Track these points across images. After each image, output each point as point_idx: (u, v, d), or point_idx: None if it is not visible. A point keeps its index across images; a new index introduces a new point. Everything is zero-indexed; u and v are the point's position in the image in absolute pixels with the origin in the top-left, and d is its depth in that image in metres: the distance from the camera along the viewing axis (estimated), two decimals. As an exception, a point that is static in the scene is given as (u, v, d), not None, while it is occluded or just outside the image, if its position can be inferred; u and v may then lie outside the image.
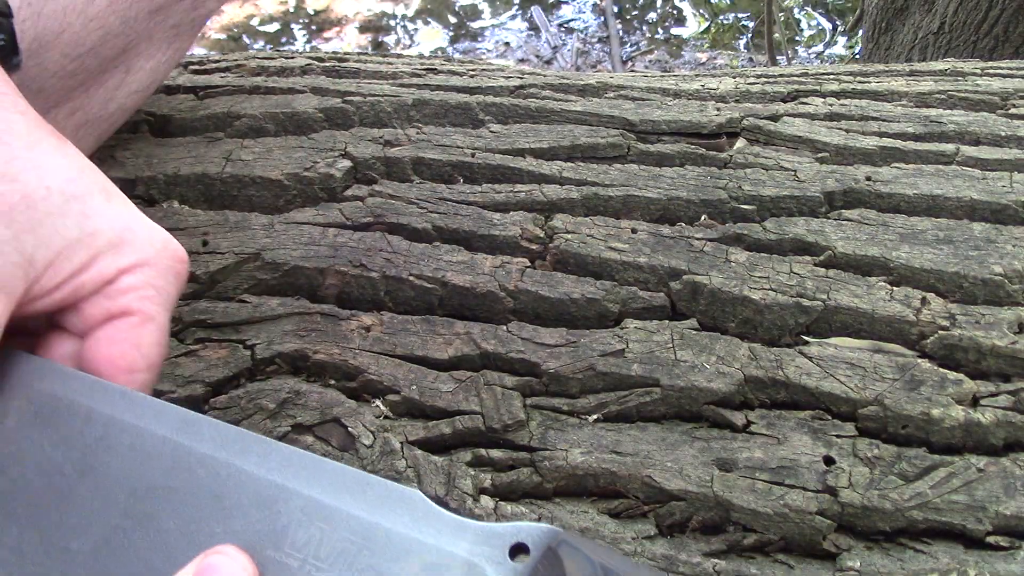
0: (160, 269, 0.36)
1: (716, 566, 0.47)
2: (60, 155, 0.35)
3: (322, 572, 0.30)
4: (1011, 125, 0.69)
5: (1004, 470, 0.50)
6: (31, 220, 0.32)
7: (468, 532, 0.31)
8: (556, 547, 0.30)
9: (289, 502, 0.32)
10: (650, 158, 0.66)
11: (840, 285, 0.56)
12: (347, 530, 0.31)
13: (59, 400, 0.34)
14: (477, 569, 0.30)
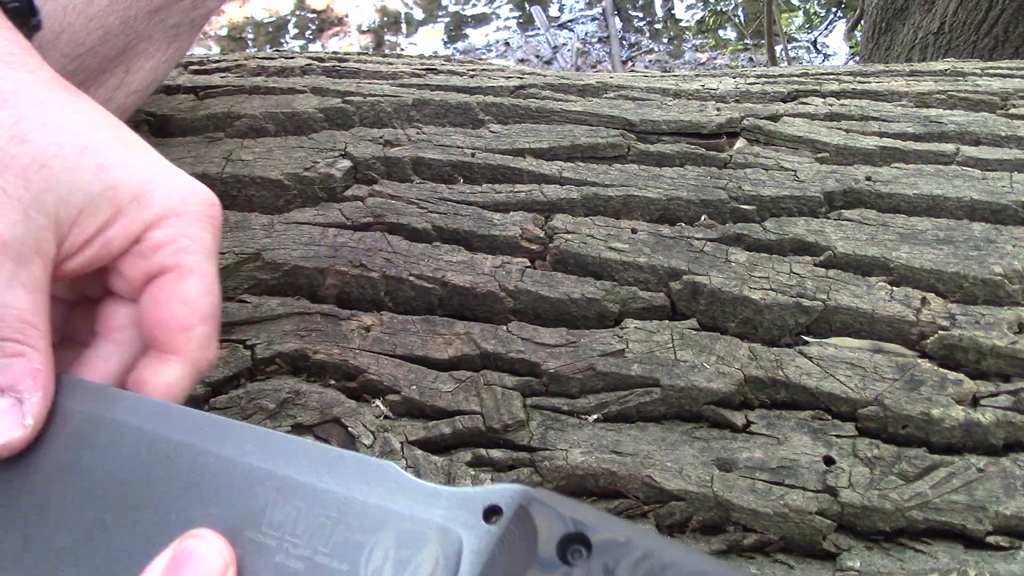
0: (189, 217, 0.35)
1: (716, 566, 0.47)
2: (71, 109, 0.34)
3: (299, 549, 0.31)
4: (1011, 125, 0.69)
5: (1004, 470, 0.50)
6: (47, 179, 0.31)
7: (442, 499, 0.31)
8: (527, 505, 0.30)
9: (265, 483, 0.32)
10: (650, 158, 0.66)
11: (840, 285, 0.56)
12: (323, 506, 0.32)
13: None
14: (451, 534, 0.31)
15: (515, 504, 0.30)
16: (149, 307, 0.34)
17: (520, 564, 0.28)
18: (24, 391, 0.31)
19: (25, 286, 0.31)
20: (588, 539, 0.28)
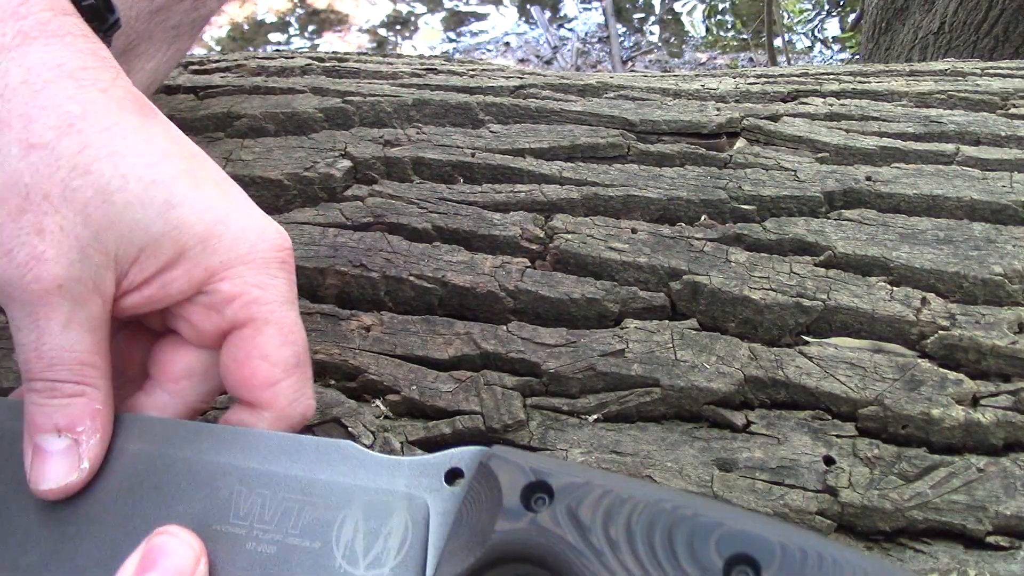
0: (258, 264, 0.33)
1: (716, 566, 0.47)
2: (142, 136, 0.32)
3: (269, 534, 0.31)
4: (1011, 125, 0.69)
5: (1004, 470, 0.50)
6: (109, 215, 0.30)
7: (403, 468, 0.32)
8: (487, 462, 0.31)
9: (228, 476, 0.32)
10: (650, 158, 0.66)
11: (840, 285, 0.56)
12: (287, 490, 0.32)
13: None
14: (417, 500, 0.31)
15: (475, 463, 0.31)
16: (229, 365, 0.34)
17: (487, 517, 0.29)
18: (83, 432, 0.31)
19: (83, 326, 0.30)
20: (549, 485, 0.29)
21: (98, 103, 0.31)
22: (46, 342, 0.30)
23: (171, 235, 0.31)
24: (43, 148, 0.29)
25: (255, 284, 0.33)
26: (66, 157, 0.30)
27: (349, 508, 0.32)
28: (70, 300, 0.29)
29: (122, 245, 0.31)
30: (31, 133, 0.29)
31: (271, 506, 0.32)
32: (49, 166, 0.29)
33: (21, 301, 0.29)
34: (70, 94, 0.30)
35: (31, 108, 0.30)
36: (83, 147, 0.30)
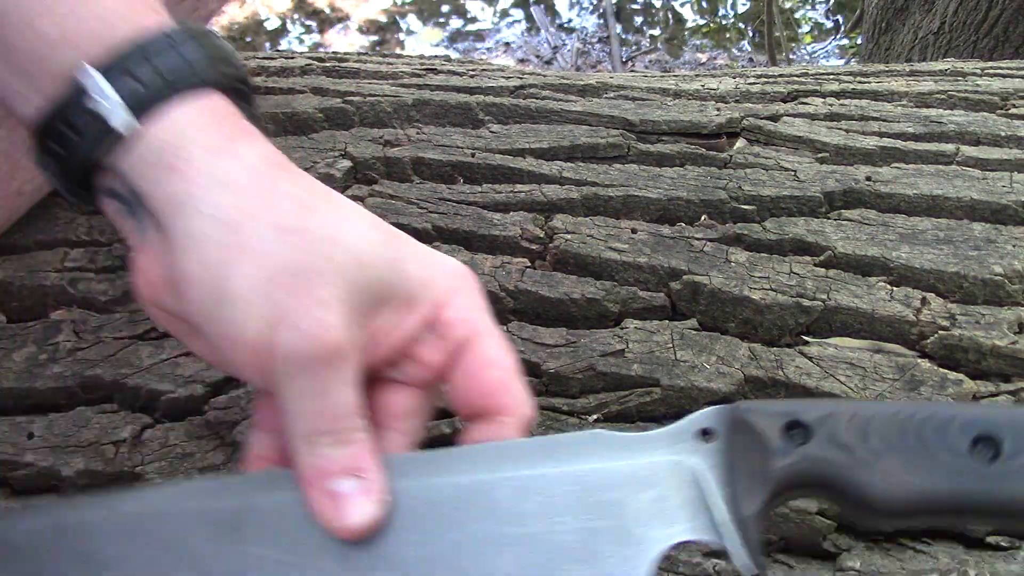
0: (465, 291, 0.37)
1: (716, 566, 0.47)
2: (350, 207, 0.35)
3: (563, 525, 0.34)
4: (1011, 125, 0.69)
5: (1004, 470, 0.50)
6: (362, 279, 0.33)
7: (659, 440, 0.35)
8: (743, 415, 0.34)
9: (501, 488, 0.34)
10: (650, 158, 0.66)
11: (840, 285, 0.56)
12: (562, 485, 0.34)
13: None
14: (682, 463, 0.34)
15: (722, 420, 0.35)
16: (465, 381, 0.36)
17: (759, 461, 0.33)
18: (369, 472, 0.33)
19: (350, 383, 0.33)
20: (803, 422, 0.33)
21: (311, 185, 0.35)
22: (336, 399, 0.33)
23: (404, 286, 0.35)
24: (298, 232, 0.33)
25: (469, 307, 0.36)
26: (318, 233, 0.33)
27: (625, 485, 0.34)
28: (348, 360, 0.33)
29: (373, 303, 0.34)
30: (282, 219, 0.32)
31: (554, 502, 0.34)
32: (308, 244, 0.32)
33: (309, 368, 0.32)
34: (291, 181, 0.34)
35: (272, 197, 0.33)
36: (323, 224, 0.33)
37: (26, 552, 0.35)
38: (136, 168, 0.33)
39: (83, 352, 0.53)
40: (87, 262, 0.57)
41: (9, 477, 0.50)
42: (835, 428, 0.33)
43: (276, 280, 0.32)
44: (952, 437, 0.32)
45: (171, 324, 0.36)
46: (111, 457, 0.50)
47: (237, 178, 0.33)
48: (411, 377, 0.37)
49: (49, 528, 0.35)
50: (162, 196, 0.32)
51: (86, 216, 0.59)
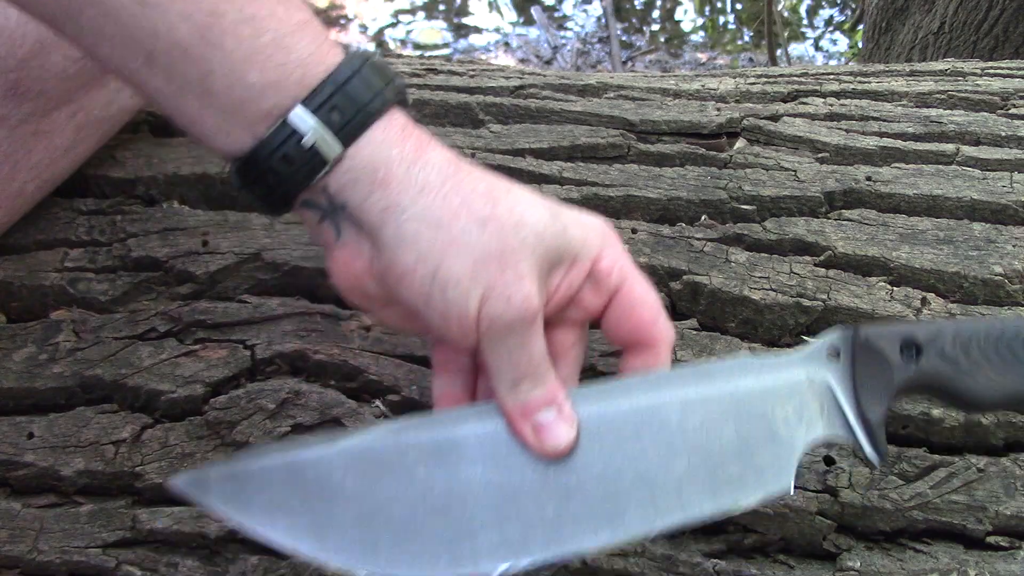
0: (611, 244, 0.44)
1: (716, 566, 0.47)
2: (528, 195, 0.42)
3: (727, 429, 0.41)
4: (1011, 125, 0.69)
5: (1004, 470, 0.50)
6: (543, 250, 0.40)
7: (796, 360, 0.43)
8: (863, 336, 0.42)
9: (669, 407, 0.42)
10: (650, 158, 0.66)
11: (840, 285, 0.56)
12: (720, 404, 0.42)
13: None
14: (816, 378, 0.42)
15: (848, 340, 0.42)
16: (620, 318, 0.44)
17: (882, 373, 0.41)
18: (563, 403, 0.41)
19: (542, 336, 0.41)
20: (916, 341, 0.42)
21: (487, 178, 0.41)
22: (534, 351, 0.41)
23: (570, 250, 0.42)
24: (492, 220, 0.39)
25: (617, 257, 0.44)
26: (507, 220, 0.39)
27: (771, 399, 0.42)
28: (540, 318, 0.40)
29: (550, 268, 0.41)
30: (476, 213, 0.39)
31: (713, 416, 0.41)
32: (502, 230, 0.39)
33: (519, 330, 0.40)
34: (472, 176, 0.40)
35: (464, 196, 0.39)
36: (511, 209, 0.40)
37: (266, 487, 0.41)
38: (343, 186, 0.39)
39: (83, 352, 0.53)
40: (87, 262, 0.57)
41: (9, 477, 0.50)
42: (942, 345, 0.42)
43: (483, 263, 0.39)
44: None
45: (366, 303, 0.43)
46: (111, 457, 0.50)
47: (433, 183, 0.39)
48: (573, 318, 0.45)
49: (282, 466, 0.41)
50: (371, 207, 0.39)
51: (86, 216, 0.60)
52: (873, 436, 0.41)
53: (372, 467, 0.41)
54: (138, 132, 0.66)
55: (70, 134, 0.56)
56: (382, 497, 0.41)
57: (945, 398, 0.43)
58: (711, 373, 0.43)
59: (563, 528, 0.41)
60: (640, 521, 0.41)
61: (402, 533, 0.41)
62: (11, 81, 0.49)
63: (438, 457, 0.41)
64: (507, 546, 0.41)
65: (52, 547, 0.48)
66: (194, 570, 0.48)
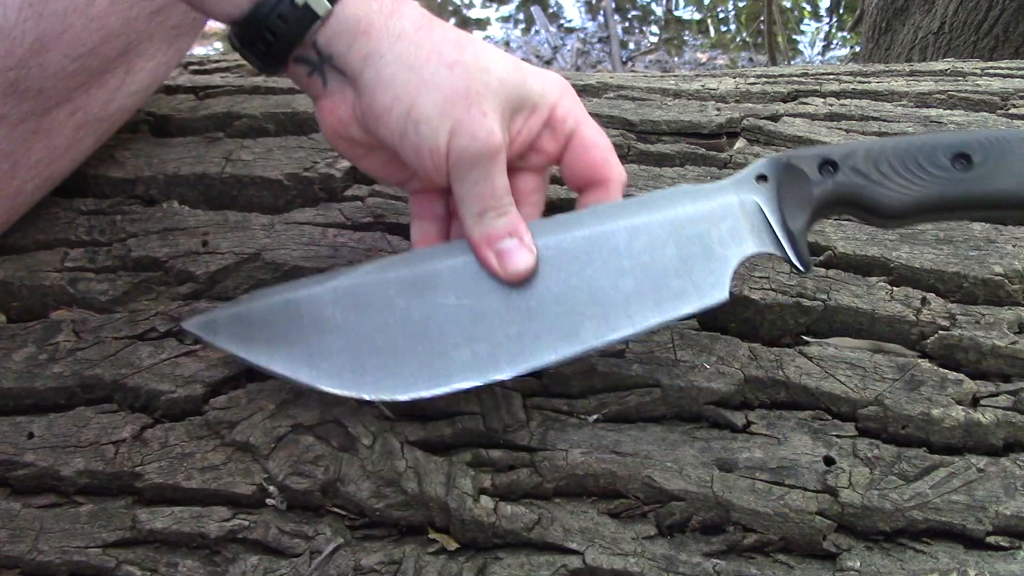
0: (567, 95, 0.49)
1: (716, 566, 0.47)
2: (491, 47, 0.46)
3: (668, 249, 0.47)
4: (1011, 125, 0.69)
5: (1004, 470, 0.50)
6: (504, 95, 0.45)
7: (728, 186, 0.48)
8: (788, 161, 0.47)
9: (619, 234, 0.47)
10: (650, 158, 0.66)
11: (840, 285, 0.56)
12: (661, 228, 0.47)
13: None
14: (746, 199, 0.48)
15: (775, 166, 0.48)
16: (575, 160, 0.49)
17: (803, 189, 0.47)
18: (523, 232, 0.46)
19: (504, 172, 0.45)
20: (833, 159, 0.46)
21: (455, 29, 0.46)
22: (497, 184, 0.45)
23: (531, 98, 0.47)
24: (459, 64, 0.44)
25: (571, 106, 0.49)
26: (473, 65, 0.44)
27: (707, 221, 0.47)
28: (503, 154, 0.45)
29: (512, 112, 0.46)
30: (445, 58, 0.44)
31: (657, 239, 0.47)
32: (468, 73, 0.44)
33: (483, 163, 0.44)
34: (444, 27, 0.45)
35: (435, 43, 0.44)
36: (477, 56, 0.44)
37: (266, 324, 0.46)
38: (330, 38, 0.44)
39: (83, 352, 0.53)
40: (87, 262, 0.57)
41: (9, 477, 0.50)
42: (855, 161, 0.46)
43: (451, 101, 0.43)
44: (937, 157, 0.45)
45: (350, 150, 0.49)
46: (111, 457, 0.50)
47: (408, 32, 0.44)
48: (534, 164, 0.50)
49: (280, 303, 0.47)
50: (354, 54, 0.44)
51: (86, 216, 0.59)
52: (797, 246, 0.46)
53: (358, 300, 0.47)
54: (137, 132, 0.66)
55: (69, 133, 0.56)
56: (368, 327, 0.46)
57: (860, 210, 0.47)
58: (653, 201, 0.48)
59: (526, 345, 0.46)
60: (594, 335, 0.46)
61: (386, 358, 0.46)
62: (10, 79, 0.49)
63: (415, 289, 0.47)
64: (478, 363, 0.46)
65: (52, 547, 0.48)
66: (194, 570, 0.48)
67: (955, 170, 0.45)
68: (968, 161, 0.45)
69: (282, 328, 0.46)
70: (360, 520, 0.49)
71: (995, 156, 0.45)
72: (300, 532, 0.48)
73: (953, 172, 0.45)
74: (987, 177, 0.45)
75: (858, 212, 0.48)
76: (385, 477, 0.48)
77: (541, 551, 0.48)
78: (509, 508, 0.48)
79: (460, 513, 0.48)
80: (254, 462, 0.49)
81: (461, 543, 0.49)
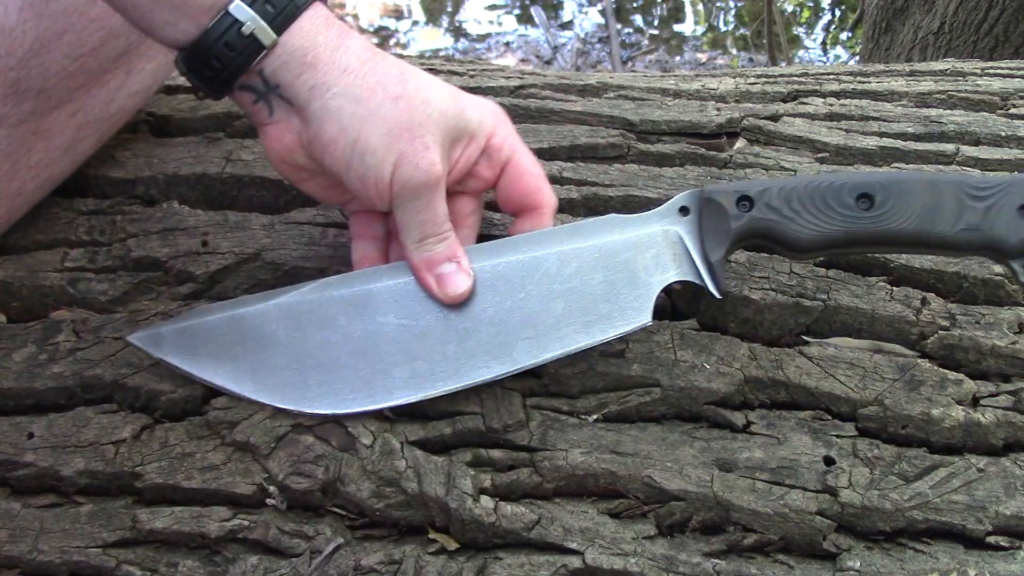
0: (503, 124, 0.52)
1: (716, 566, 0.47)
2: (432, 78, 0.48)
3: (596, 275, 0.50)
4: (1011, 125, 0.69)
5: (1004, 470, 0.50)
6: (444, 126, 0.47)
7: (653, 217, 0.51)
8: (708, 195, 0.50)
9: (549, 260, 0.50)
10: (650, 158, 0.66)
11: (840, 285, 0.56)
12: (590, 254, 0.50)
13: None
14: (669, 230, 0.51)
15: (696, 199, 0.51)
16: (510, 186, 0.52)
17: (721, 223, 0.50)
18: (461, 257, 0.49)
19: (444, 199, 0.48)
20: (749, 196, 0.50)
21: (398, 62, 0.47)
22: (438, 212, 0.48)
23: (468, 128, 0.49)
24: (402, 98, 0.46)
25: (507, 134, 0.52)
26: (416, 98, 0.46)
27: (632, 249, 0.50)
28: (443, 183, 0.47)
29: (451, 142, 0.48)
30: (389, 91, 0.46)
31: (586, 264, 0.50)
32: (411, 106, 0.46)
33: (425, 193, 0.47)
34: (387, 61, 0.47)
35: (380, 77, 0.46)
36: (418, 88, 0.46)
37: (212, 338, 0.48)
38: (276, 68, 0.45)
39: (83, 352, 0.53)
40: (87, 262, 0.57)
41: (9, 477, 0.50)
42: (769, 198, 0.50)
43: (395, 134, 0.45)
44: (843, 196, 0.49)
45: (294, 174, 0.50)
46: (111, 457, 0.50)
47: (353, 65, 0.46)
48: (472, 188, 0.53)
49: (225, 319, 0.48)
50: (300, 85, 0.45)
51: (86, 216, 0.59)
52: (715, 275, 0.50)
53: (302, 318, 0.49)
54: (137, 132, 0.66)
55: (70, 133, 0.56)
56: (310, 344, 0.48)
57: (775, 243, 0.51)
58: (584, 229, 0.51)
59: (462, 363, 0.49)
60: (526, 355, 0.49)
61: (327, 374, 0.48)
62: (11, 80, 0.49)
63: (357, 308, 0.49)
64: (416, 380, 0.48)
65: (52, 547, 0.48)
66: (194, 570, 0.48)
67: (859, 209, 0.49)
68: (871, 201, 0.49)
69: (227, 343, 0.48)
70: (360, 520, 0.49)
71: (894, 196, 0.49)
72: (300, 532, 0.48)
73: (857, 211, 0.49)
74: (888, 216, 0.49)
75: (772, 245, 0.51)
76: (385, 477, 0.49)
77: (541, 551, 0.48)
78: (509, 508, 0.48)
79: (460, 513, 0.48)
80: (254, 462, 0.49)
81: (461, 543, 0.49)
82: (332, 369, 0.48)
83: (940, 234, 0.49)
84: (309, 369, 0.48)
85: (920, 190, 0.49)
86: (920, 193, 0.49)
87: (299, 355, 0.48)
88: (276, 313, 0.49)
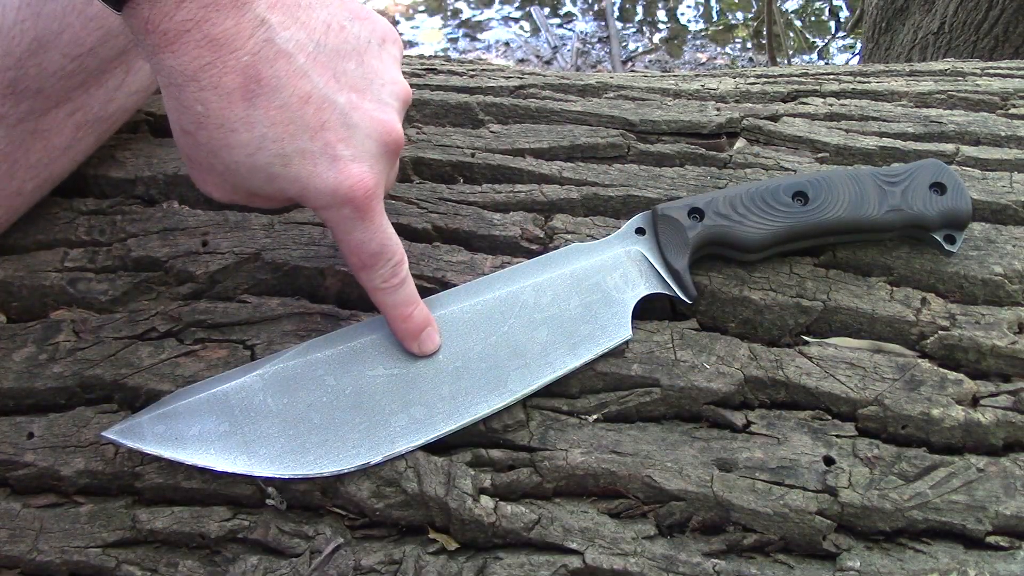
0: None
1: (716, 566, 0.47)
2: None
3: (572, 302, 0.53)
4: (1011, 125, 0.69)
5: (1004, 470, 0.50)
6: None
7: (614, 241, 0.56)
8: (661, 213, 0.55)
9: (524, 293, 0.53)
10: (650, 158, 0.66)
11: (840, 285, 0.56)
12: (562, 281, 0.53)
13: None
14: (631, 250, 0.55)
15: (650, 218, 0.56)
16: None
17: (679, 235, 0.54)
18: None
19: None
20: (700, 208, 0.55)
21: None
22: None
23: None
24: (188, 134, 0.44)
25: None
26: (208, 146, 0.43)
27: (602, 272, 0.54)
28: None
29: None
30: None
31: (560, 292, 0.53)
32: (196, 149, 0.44)
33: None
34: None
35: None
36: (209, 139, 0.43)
37: (196, 420, 0.47)
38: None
39: (83, 352, 0.53)
40: (87, 262, 0.57)
41: (9, 477, 0.50)
42: (717, 206, 0.55)
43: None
44: (780, 196, 0.55)
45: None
46: (111, 457, 0.50)
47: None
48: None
49: (207, 399, 0.48)
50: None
51: (86, 216, 0.59)
52: (682, 283, 0.54)
53: (288, 384, 0.49)
54: (137, 132, 0.66)
55: (69, 133, 0.56)
56: (301, 407, 0.48)
57: (728, 247, 0.55)
58: (551, 261, 0.54)
59: (459, 402, 0.49)
60: (520, 384, 0.50)
61: (326, 434, 0.48)
62: (9, 79, 0.49)
63: (343, 365, 0.50)
64: (416, 425, 0.49)
65: (52, 547, 0.48)
66: (194, 570, 0.48)
67: (796, 205, 0.55)
68: (805, 197, 0.55)
69: (212, 421, 0.47)
70: (360, 520, 0.49)
71: (824, 191, 0.55)
72: (300, 532, 0.48)
73: (795, 207, 0.55)
74: (822, 208, 0.55)
75: (726, 249, 0.55)
76: (385, 477, 0.48)
77: (541, 551, 0.48)
78: (509, 508, 0.48)
79: (460, 513, 0.48)
80: (254, 462, 0.49)
81: (461, 543, 0.49)
82: (329, 428, 0.48)
83: (870, 218, 0.55)
84: (305, 433, 0.48)
85: (845, 183, 0.56)
86: (845, 185, 0.56)
87: (293, 421, 0.48)
88: (261, 384, 0.48)
